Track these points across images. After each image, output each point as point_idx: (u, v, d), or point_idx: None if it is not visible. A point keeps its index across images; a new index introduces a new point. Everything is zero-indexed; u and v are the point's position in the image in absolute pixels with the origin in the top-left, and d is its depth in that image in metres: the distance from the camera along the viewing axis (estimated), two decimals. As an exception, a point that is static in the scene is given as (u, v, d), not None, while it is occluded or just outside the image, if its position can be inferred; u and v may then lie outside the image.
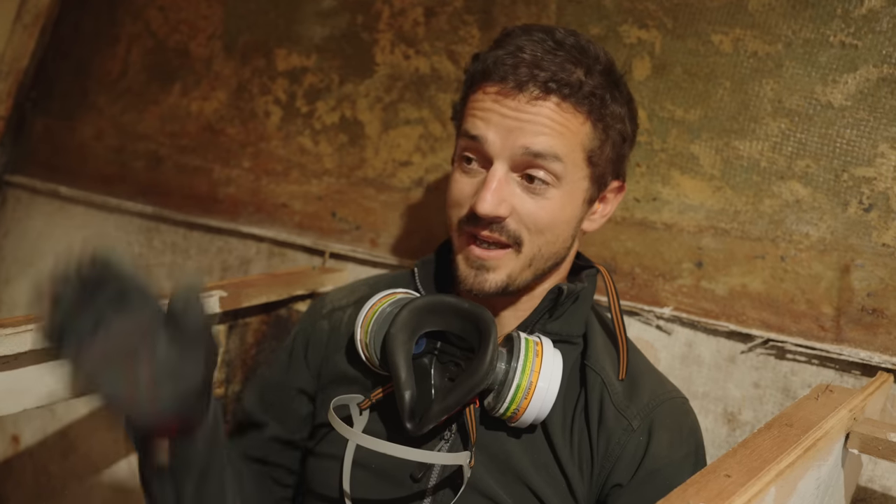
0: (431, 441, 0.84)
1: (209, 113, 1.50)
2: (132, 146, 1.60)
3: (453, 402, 0.77)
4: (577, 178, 0.82)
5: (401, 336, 0.80)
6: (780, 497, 0.64)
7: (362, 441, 0.78)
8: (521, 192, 0.81)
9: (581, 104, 0.80)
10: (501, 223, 0.81)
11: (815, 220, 0.99)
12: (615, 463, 0.80)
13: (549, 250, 0.83)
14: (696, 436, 0.85)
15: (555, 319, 0.87)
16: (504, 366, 0.79)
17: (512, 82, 0.78)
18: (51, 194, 1.68)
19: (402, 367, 0.79)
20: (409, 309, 0.81)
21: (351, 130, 1.34)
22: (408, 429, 0.78)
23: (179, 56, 1.55)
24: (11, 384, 0.90)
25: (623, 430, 0.81)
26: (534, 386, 0.78)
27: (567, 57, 0.79)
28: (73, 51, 1.72)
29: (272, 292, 1.16)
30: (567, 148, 0.80)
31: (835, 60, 0.98)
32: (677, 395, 0.86)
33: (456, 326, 0.83)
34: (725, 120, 1.04)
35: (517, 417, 0.79)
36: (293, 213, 1.38)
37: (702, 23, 1.06)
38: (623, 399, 0.82)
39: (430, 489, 0.83)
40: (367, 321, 0.85)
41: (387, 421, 0.87)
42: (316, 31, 1.39)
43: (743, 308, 1.02)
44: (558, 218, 0.82)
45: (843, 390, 0.85)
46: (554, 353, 0.81)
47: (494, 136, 0.79)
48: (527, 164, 0.80)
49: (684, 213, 1.06)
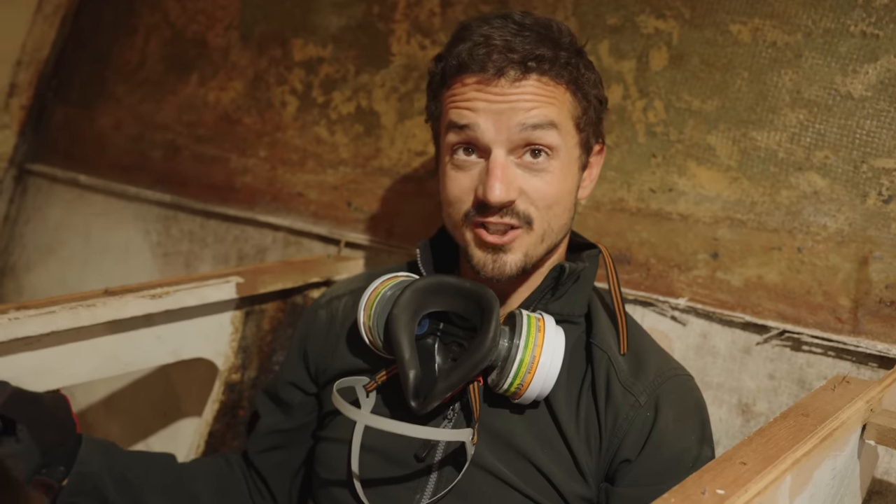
0: (435, 420, 0.85)
1: (226, 103, 1.51)
2: (150, 135, 1.62)
3: (457, 379, 0.78)
4: (570, 145, 0.83)
5: (403, 317, 0.81)
6: (795, 486, 0.64)
7: (367, 420, 0.80)
8: (524, 172, 0.81)
9: (560, 75, 0.81)
10: (511, 206, 0.81)
11: (833, 211, 0.98)
12: (623, 438, 0.81)
13: (558, 223, 0.84)
14: (702, 411, 0.85)
15: (557, 299, 0.87)
16: (507, 342, 0.79)
17: (491, 69, 0.79)
18: (70, 182, 1.70)
19: (405, 348, 0.80)
20: (411, 290, 0.82)
21: (366, 120, 1.34)
22: (412, 407, 0.79)
23: (197, 46, 1.56)
24: (35, 364, 0.92)
25: (630, 406, 0.81)
26: (536, 361, 0.78)
27: (534, 35, 0.80)
28: (92, 41, 1.74)
29: (288, 279, 1.17)
30: (560, 116, 0.81)
31: (855, 50, 0.97)
32: (682, 371, 0.87)
33: (458, 306, 0.83)
34: (743, 110, 1.04)
35: (521, 393, 0.80)
36: (309, 203, 1.39)
37: (720, 12, 1.05)
38: (629, 376, 0.83)
39: (434, 465, 0.84)
40: (370, 304, 0.86)
41: (392, 402, 0.88)
42: (332, 21, 1.39)
43: (759, 299, 1.01)
44: (562, 189, 0.83)
45: (860, 381, 0.85)
46: (556, 330, 0.81)
47: (486, 122, 0.79)
48: (525, 142, 0.80)
49: (700, 203, 1.06)
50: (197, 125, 1.55)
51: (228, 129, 1.51)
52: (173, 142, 1.58)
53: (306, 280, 1.20)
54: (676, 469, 0.78)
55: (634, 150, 1.11)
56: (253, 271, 1.14)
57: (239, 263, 1.46)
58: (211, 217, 1.50)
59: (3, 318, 0.86)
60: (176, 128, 1.58)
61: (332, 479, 0.90)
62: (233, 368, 1.17)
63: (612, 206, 1.12)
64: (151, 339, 1.04)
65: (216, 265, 1.49)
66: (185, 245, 1.53)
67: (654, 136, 1.10)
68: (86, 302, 0.94)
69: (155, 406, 1.45)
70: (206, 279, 1.08)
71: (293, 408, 1.00)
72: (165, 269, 1.55)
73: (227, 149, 1.50)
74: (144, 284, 1.03)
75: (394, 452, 0.85)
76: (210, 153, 1.52)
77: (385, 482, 0.86)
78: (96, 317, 0.94)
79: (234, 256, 1.47)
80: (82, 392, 1.55)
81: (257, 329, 1.18)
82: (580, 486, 0.82)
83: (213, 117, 1.53)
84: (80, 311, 0.93)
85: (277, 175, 1.43)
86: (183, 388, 1.41)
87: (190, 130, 1.56)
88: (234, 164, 1.49)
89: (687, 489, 0.57)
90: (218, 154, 1.51)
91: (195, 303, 1.05)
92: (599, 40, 1.13)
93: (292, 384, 1.00)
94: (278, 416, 1.01)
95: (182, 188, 1.54)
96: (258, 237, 1.44)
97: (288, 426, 1.01)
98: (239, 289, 1.09)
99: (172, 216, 1.55)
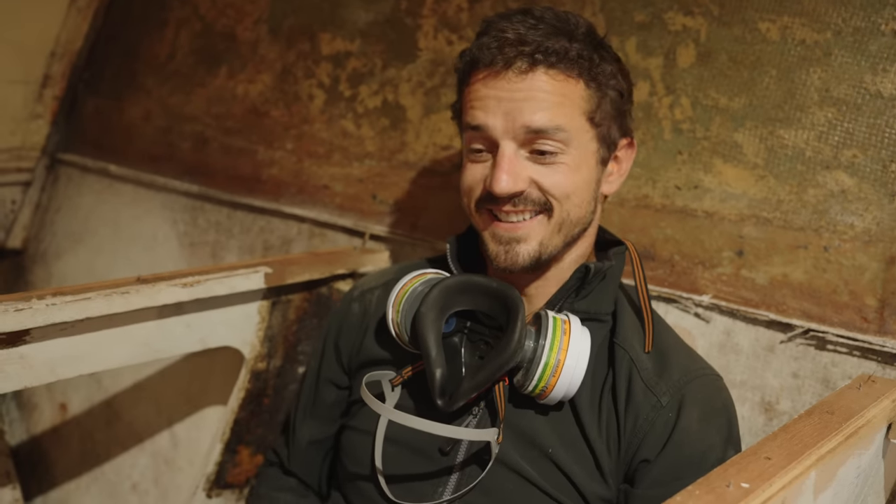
0: (461, 417, 0.86)
1: (254, 95, 1.53)
2: (179, 127, 1.64)
3: (483, 379, 0.79)
4: (584, 140, 0.84)
5: (431, 315, 0.82)
6: (820, 482, 0.64)
7: (393, 416, 0.81)
8: (534, 164, 0.83)
9: (570, 68, 0.81)
10: (522, 195, 0.83)
11: (860, 210, 0.98)
12: (643, 439, 0.81)
13: (577, 214, 0.85)
14: (729, 412, 0.85)
15: (582, 298, 0.88)
16: (532, 343, 0.80)
17: (500, 62, 0.81)
18: (100, 172, 1.74)
19: (432, 346, 0.82)
20: (439, 288, 0.84)
21: (393, 114, 1.36)
22: (438, 405, 0.80)
23: (226, 40, 1.58)
24: (69, 350, 0.94)
25: (651, 407, 0.81)
26: (562, 363, 0.79)
27: (548, 29, 0.81)
28: (123, 34, 1.77)
29: (315, 270, 1.19)
30: (567, 116, 0.81)
31: (885, 49, 0.96)
32: (710, 371, 0.87)
33: (485, 305, 0.85)
34: (770, 108, 1.03)
35: (546, 395, 0.81)
36: (334, 195, 1.41)
37: (749, 10, 1.05)
38: (653, 375, 0.83)
39: (458, 464, 0.85)
40: (399, 300, 0.88)
41: (417, 397, 0.89)
42: (360, 15, 1.41)
43: (783, 298, 1.01)
44: (577, 180, 0.84)
45: (886, 381, 0.85)
46: (582, 331, 0.82)
47: (495, 120, 0.82)
48: (532, 140, 0.82)
49: (726, 201, 1.06)
50: (225, 117, 1.57)
51: (256, 121, 1.53)
52: (202, 133, 1.60)
53: (332, 272, 1.21)
54: (699, 467, 0.78)
55: (660, 146, 1.11)
56: (281, 262, 1.16)
57: (264, 254, 1.48)
58: (237, 208, 1.52)
59: (41, 303, 0.89)
60: (204, 120, 1.60)
61: (356, 470, 0.92)
62: (259, 357, 1.19)
63: (637, 203, 1.12)
64: (181, 327, 1.07)
65: (242, 255, 1.51)
66: (211, 235, 1.56)
67: (680, 133, 1.10)
68: (120, 289, 0.96)
69: (181, 393, 1.47)
70: (235, 269, 1.10)
71: (329, 407, 1.02)
72: (192, 259, 1.58)
73: (255, 141, 1.52)
74: (176, 273, 1.05)
75: (419, 445, 0.87)
76: (238, 145, 1.55)
77: (409, 475, 0.87)
78: (130, 304, 0.96)
79: (259, 247, 1.49)
80: (110, 378, 1.58)
81: (283, 319, 1.20)
82: (601, 487, 0.82)
83: (241, 110, 1.55)
84: (115, 297, 0.95)
85: (304, 167, 1.45)
86: (208, 375, 1.44)
87: (218, 122, 1.58)
88: (261, 157, 1.51)
89: (711, 482, 0.58)
90: (245, 146, 1.53)
91: (225, 292, 1.07)
92: (627, 37, 1.14)
93: (329, 381, 1.02)
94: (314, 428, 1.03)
95: (209, 179, 1.57)
96: (283, 228, 1.46)
97: (324, 435, 1.03)
98: (267, 279, 1.11)
99: (199, 206, 1.57)
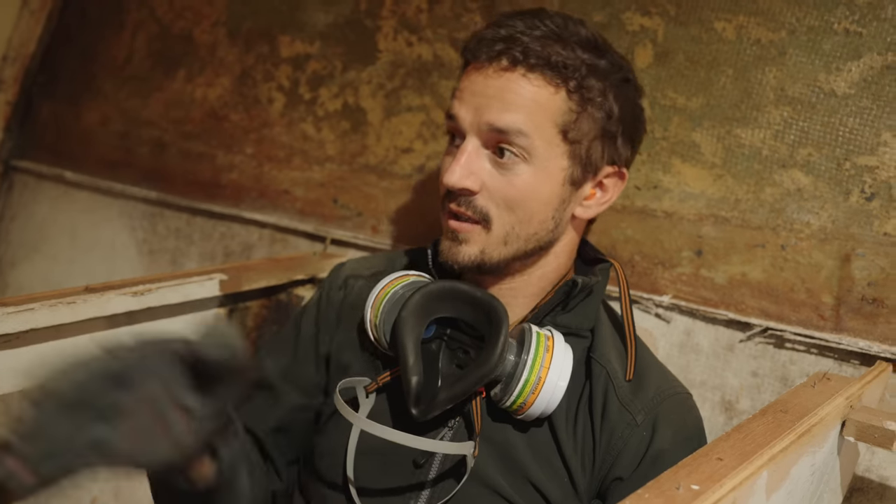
0: (436, 429, 0.84)
1: (213, 99, 1.50)
2: (137, 132, 1.61)
3: (460, 390, 0.77)
4: (551, 155, 0.81)
5: (411, 320, 0.80)
6: (772, 481, 0.64)
7: (367, 427, 0.78)
8: (492, 167, 0.81)
9: (553, 75, 0.79)
10: (470, 198, 0.81)
11: (816, 208, 0.98)
12: (616, 457, 0.80)
13: (525, 230, 0.82)
14: (700, 432, 0.85)
15: (567, 312, 0.86)
16: (514, 358, 0.78)
17: (484, 56, 0.80)
18: (56, 179, 1.69)
19: (410, 352, 0.79)
20: (421, 293, 0.81)
21: (353, 117, 1.34)
22: (413, 414, 0.78)
23: (184, 42, 1.55)
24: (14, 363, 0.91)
25: (626, 425, 0.80)
26: (542, 381, 0.77)
27: (546, 32, 0.80)
28: (78, 36, 1.72)
29: (273, 277, 1.17)
30: (533, 123, 0.79)
31: (839, 48, 0.97)
32: (682, 390, 0.86)
33: (467, 314, 0.82)
34: (727, 108, 1.04)
35: (523, 411, 0.79)
36: (295, 200, 1.39)
37: (705, 10, 1.05)
38: (628, 393, 0.82)
39: (431, 480, 0.83)
40: (379, 302, 0.85)
41: (392, 404, 0.86)
42: (319, 17, 1.39)
43: (742, 297, 1.01)
44: (530, 196, 0.81)
45: (841, 378, 0.85)
46: (565, 349, 0.80)
47: (465, 112, 0.81)
48: (496, 140, 0.80)
49: (685, 201, 1.06)
50: (184, 122, 1.54)
51: (215, 125, 1.50)
52: (160, 138, 1.57)
53: (291, 278, 1.19)
54: None
55: (619, 147, 1.11)
56: (237, 268, 1.14)
57: (225, 260, 1.45)
58: (197, 214, 1.49)
59: (-18, 314, 0.86)
60: (162, 124, 1.57)
61: (327, 479, 0.88)
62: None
63: (598, 204, 1.12)
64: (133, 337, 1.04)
65: (203, 262, 1.48)
66: (171, 242, 1.52)
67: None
68: (66, 299, 0.93)
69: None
70: (189, 276, 1.07)
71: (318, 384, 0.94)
72: (151, 267, 1.54)
73: (214, 145, 1.49)
74: (127, 281, 1.02)
75: (391, 455, 0.84)
76: (197, 150, 1.52)
77: (380, 487, 0.84)
78: (77, 314, 0.93)
79: (220, 253, 1.46)
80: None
81: (242, 327, 1.18)
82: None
83: (199, 114, 1.52)
84: (61, 308, 0.92)
85: (264, 172, 1.43)
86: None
87: (176, 127, 1.55)
88: (220, 161, 1.48)
89: (661, 484, 0.57)
90: (204, 151, 1.51)
91: (178, 300, 1.04)
92: (585, 37, 1.13)
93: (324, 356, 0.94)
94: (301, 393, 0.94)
95: (168, 185, 1.53)
96: (244, 234, 1.44)
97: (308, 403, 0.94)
98: (223, 286, 1.09)
99: (159, 213, 1.54)
